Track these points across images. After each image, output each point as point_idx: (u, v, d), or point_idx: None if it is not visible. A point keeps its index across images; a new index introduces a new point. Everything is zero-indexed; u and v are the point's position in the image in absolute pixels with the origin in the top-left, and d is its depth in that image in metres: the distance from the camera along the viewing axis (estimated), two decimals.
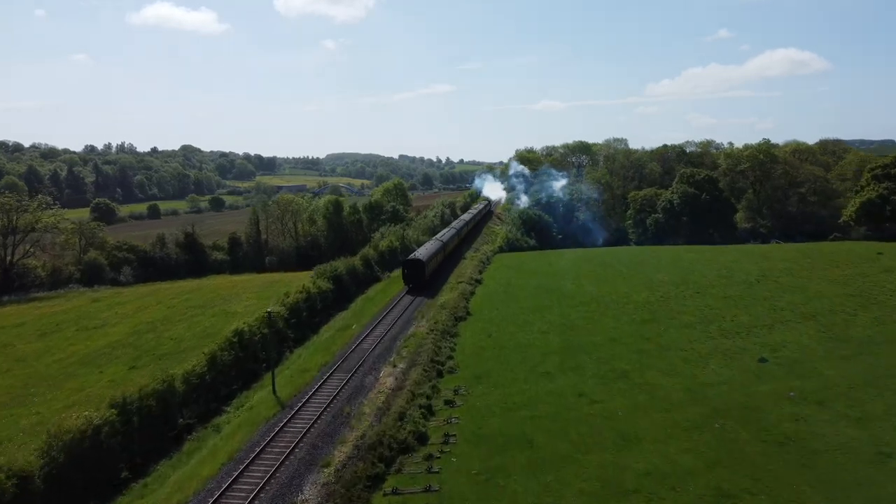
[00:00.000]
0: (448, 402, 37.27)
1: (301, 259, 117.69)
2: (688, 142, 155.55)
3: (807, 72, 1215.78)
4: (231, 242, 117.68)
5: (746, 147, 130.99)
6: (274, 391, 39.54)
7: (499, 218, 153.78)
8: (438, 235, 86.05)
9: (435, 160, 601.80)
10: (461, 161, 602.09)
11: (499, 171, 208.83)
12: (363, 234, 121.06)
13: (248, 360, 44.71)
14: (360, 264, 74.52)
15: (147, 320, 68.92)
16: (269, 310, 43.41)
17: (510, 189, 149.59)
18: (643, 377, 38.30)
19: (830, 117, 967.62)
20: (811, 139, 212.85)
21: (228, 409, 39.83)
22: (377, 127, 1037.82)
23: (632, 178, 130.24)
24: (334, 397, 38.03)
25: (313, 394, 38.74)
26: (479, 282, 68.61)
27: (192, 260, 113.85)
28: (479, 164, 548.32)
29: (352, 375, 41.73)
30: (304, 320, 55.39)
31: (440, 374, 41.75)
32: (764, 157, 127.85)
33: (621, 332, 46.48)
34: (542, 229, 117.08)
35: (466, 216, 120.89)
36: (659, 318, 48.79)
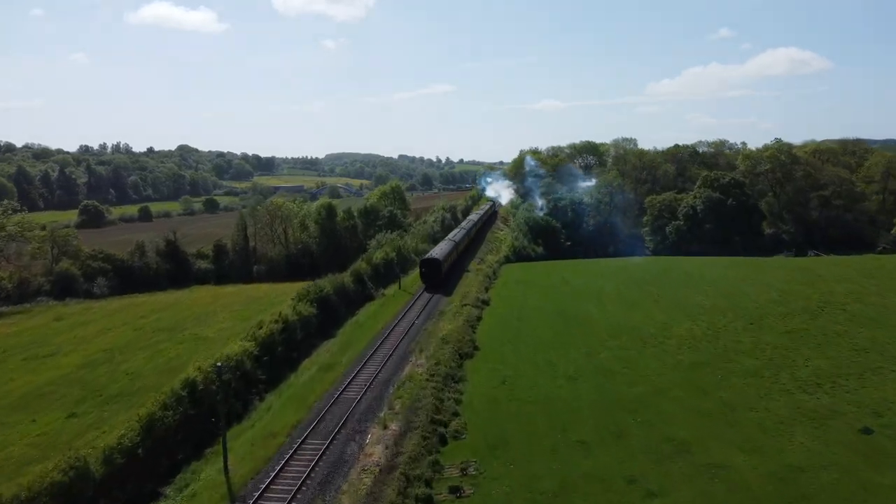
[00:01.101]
0: (454, 490, 27.57)
1: (291, 268, 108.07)
2: (700, 141, 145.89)
3: (807, 71, 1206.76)
4: (216, 250, 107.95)
5: (766, 147, 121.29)
6: (225, 470, 29.82)
7: (503, 222, 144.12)
8: (450, 236, 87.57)
9: (435, 160, 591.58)
10: (461, 161, 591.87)
11: (504, 170, 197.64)
12: (358, 241, 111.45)
13: (201, 417, 34.96)
14: (351, 281, 64.79)
15: (106, 347, 59.38)
16: (218, 362, 33.54)
17: (525, 190, 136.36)
18: (710, 454, 28.62)
19: (832, 117, 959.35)
20: (813, 139, 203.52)
21: (168, 491, 30.10)
22: (377, 127, 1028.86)
23: (644, 180, 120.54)
24: (304, 481, 28.32)
25: (278, 474, 29.07)
26: (486, 303, 58.88)
27: (173, 269, 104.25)
28: (479, 163, 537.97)
29: (330, 442, 32.04)
30: (279, 356, 45.65)
31: (443, 441, 32.07)
32: (785, 158, 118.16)
33: (668, 381, 36.74)
34: (549, 236, 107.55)
35: (474, 216, 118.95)
36: (712, 361, 39.03)
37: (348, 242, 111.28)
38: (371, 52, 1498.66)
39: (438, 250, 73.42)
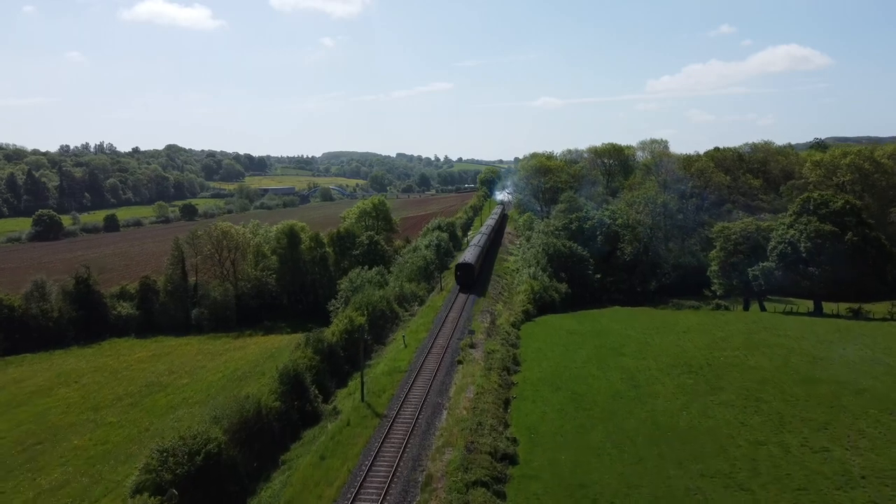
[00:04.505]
0: None
1: (243, 312, 79.93)
2: (745, 143, 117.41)
3: (808, 68, 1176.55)
4: (142, 290, 79.55)
5: (845, 152, 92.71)
6: None
7: (510, 239, 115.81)
8: (475, 242, 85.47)
9: (433, 159, 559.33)
10: (459, 160, 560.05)
11: (517, 167, 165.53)
12: (328, 275, 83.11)
13: None
14: (275, 398, 36.29)
15: None
16: None
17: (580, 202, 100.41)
18: None
19: (834, 114, 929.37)
20: (815, 137, 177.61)
21: None
22: (375, 125, 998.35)
23: (689, 194, 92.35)
24: None
25: None
26: (510, 459, 30.76)
27: (85, 317, 76.03)
28: (478, 162, 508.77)
29: None
30: None
31: None
32: (869, 167, 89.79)
33: None
34: (575, 268, 79.44)
35: (490, 220, 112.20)
36: None
37: (317, 278, 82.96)
38: (369, 49, 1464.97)
39: (470, 255, 73.77)
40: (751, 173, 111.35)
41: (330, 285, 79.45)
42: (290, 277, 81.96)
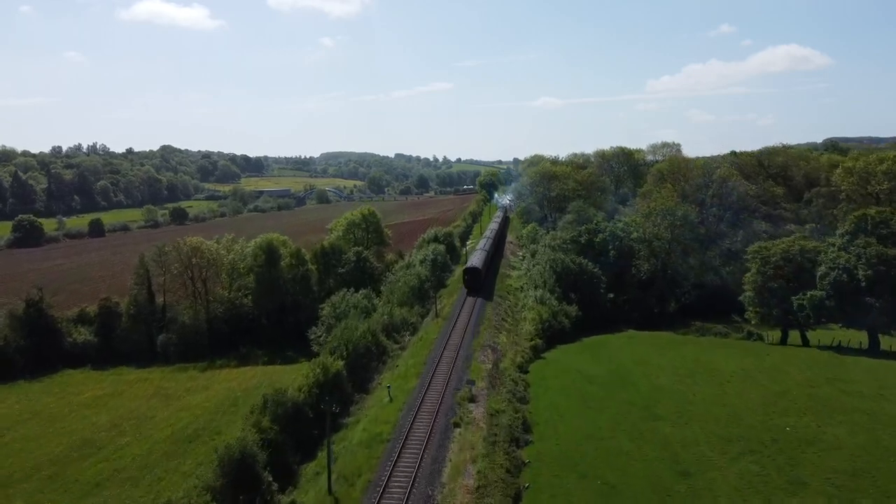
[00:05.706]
0: None
1: (216, 338, 70.40)
2: (764, 148, 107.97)
3: (808, 68, 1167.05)
4: (102, 314, 70.08)
5: (880, 158, 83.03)
6: None
7: (512, 250, 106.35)
8: (481, 246, 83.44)
9: (432, 159, 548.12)
10: (459, 160, 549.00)
11: (520, 170, 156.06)
12: (312, 295, 73.65)
13: None
14: (211, 496, 26.83)
15: None
16: None
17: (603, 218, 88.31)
18: None
19: (834, 114, 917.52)
20: (815, 137, 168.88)
21: None
22: (374, 125, 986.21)
23: (710, 203, 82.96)
24: None
25: None
26: None
27: (35, 346, 66.54)
28: (477, 163, 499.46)
29: None
30: None
31: None
32: None
33: None
34: (585, 286, 70.05)
35: (494, 224, 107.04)
36: None
37: (300, 298, 73.42)
38: (369, 49, 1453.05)
39: (477, 260, 72.16)
40: (772, 179, 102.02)
41: (313, 306, 70.16)
42: (269, 298, 72.46)
